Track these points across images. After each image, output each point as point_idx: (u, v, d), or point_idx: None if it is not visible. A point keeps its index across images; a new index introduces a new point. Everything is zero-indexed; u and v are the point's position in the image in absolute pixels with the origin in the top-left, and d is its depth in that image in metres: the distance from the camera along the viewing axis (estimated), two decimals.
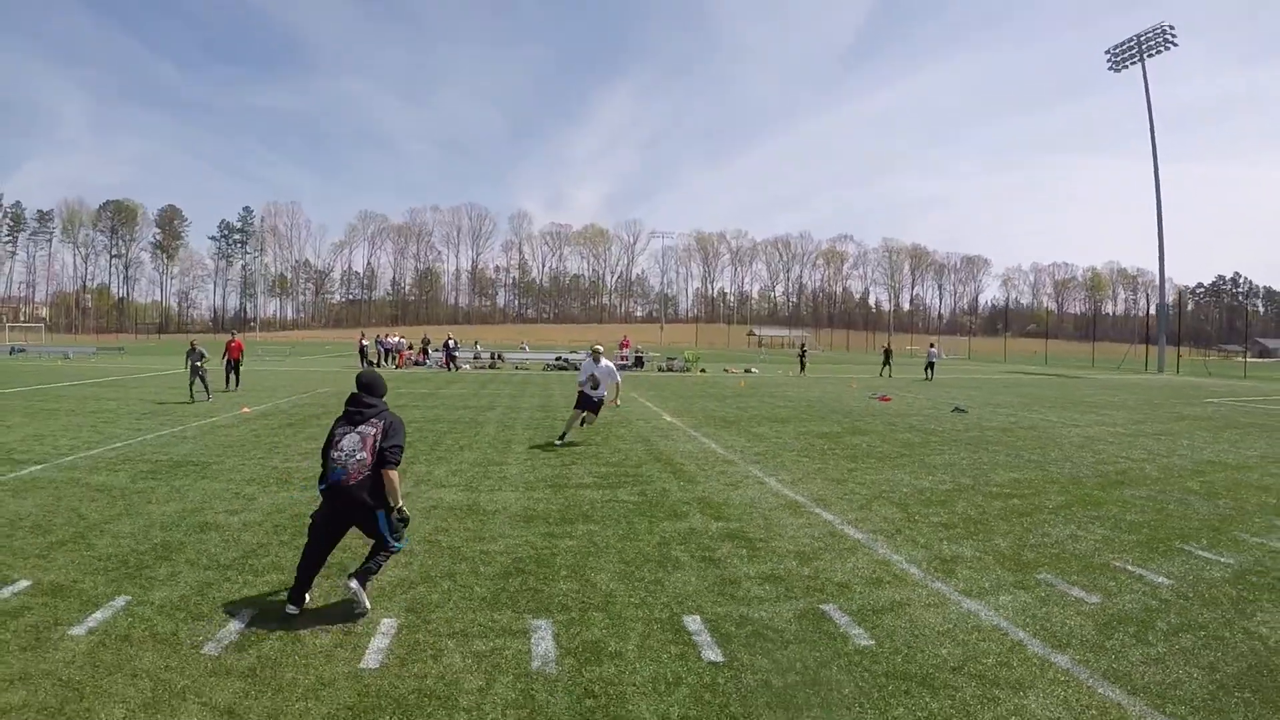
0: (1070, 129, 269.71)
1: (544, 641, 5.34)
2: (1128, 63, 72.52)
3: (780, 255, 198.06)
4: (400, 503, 5.93)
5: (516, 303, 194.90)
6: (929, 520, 9.25)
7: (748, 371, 45.27)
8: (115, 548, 7.21)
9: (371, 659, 4.99)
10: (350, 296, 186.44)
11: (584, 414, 14.53)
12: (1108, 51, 74.32)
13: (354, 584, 5.74)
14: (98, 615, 5.59)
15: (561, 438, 14.25)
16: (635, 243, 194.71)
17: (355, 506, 5.77)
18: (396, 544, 5.98)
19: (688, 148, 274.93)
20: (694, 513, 9.30)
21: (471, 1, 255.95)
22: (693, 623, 5.78)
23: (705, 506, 9.64)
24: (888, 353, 47.03)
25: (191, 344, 22.61)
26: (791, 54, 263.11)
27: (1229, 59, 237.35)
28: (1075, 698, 4.84)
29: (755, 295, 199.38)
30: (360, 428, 5.90)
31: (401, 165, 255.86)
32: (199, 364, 21.58)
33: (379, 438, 5.85)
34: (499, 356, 48.88)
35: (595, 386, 14.29)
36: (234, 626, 5.43)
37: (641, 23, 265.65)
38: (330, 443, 5.93)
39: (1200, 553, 8.24)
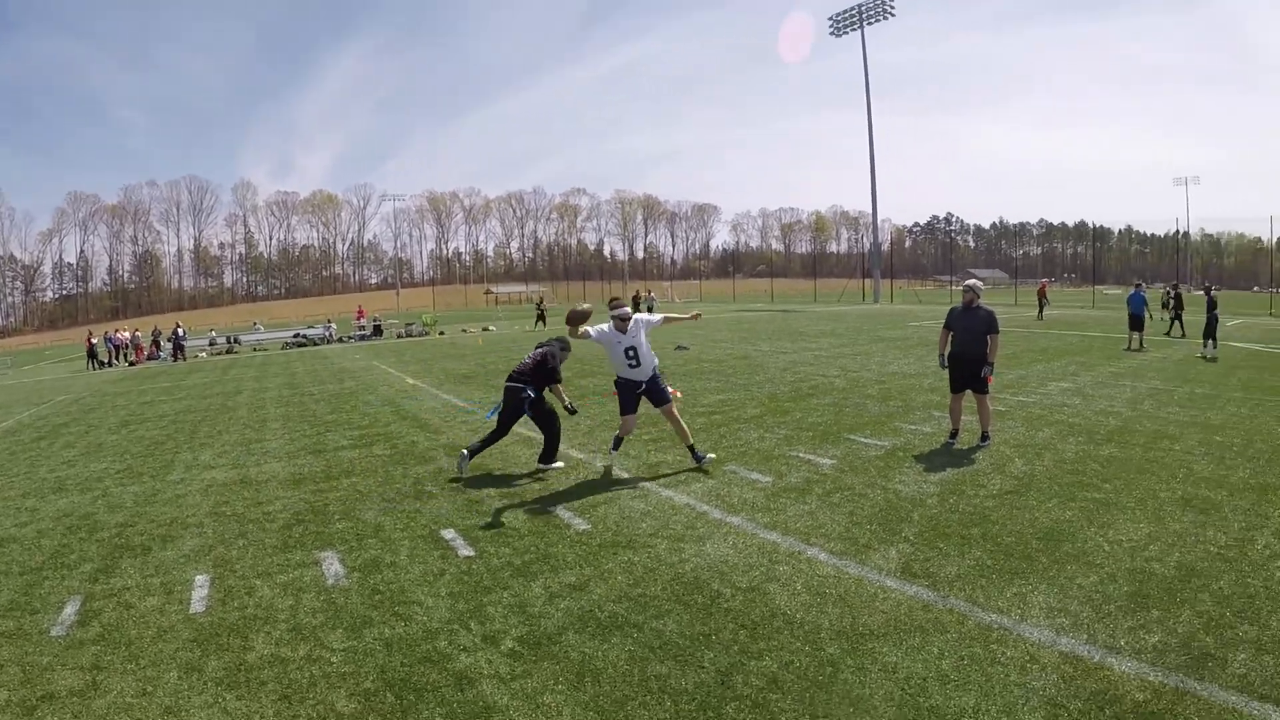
0: (801, 85, 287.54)
1: (333, 566, 6.64)
2: (848, 29, 76.40)
3: (514, 211, 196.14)
4: (566, 403, 10.44)
5: (245, 281, 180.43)
6: (641, 438, 11.18)
7: (486, 330, 46.43)
8: None
9: (197, 606, 6.00)
10: (65, 292, 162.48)
11: (636, 416, 9.70)
12: (830, 18, 77.80)
13: (542, 464, 9.76)
14: None
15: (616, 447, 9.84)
16: (366, 207, 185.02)
17: (513, 387, 9.73)
18: (530, 414, 9.69)
19: (422, 108, 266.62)
20: (441, 457, 10.77)
21: None
22: (448, 533, 7.34)
23: (451, 450, 11.10)
24: (636, 299, 49.63)
25: None
26: (529, 12, 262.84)
27: (944, 28, 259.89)
28: (742, 542, 6.82)
29: (491, 253, 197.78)
30: (534, 351, 10.04)
31: (115, 137, 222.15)
32: None
33: (537, 359, 9.86)
34: (235, 340, 47.45)
35: (638, 363, 9.41)
36: (69, 610, 6.08)
37: None
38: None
39: (863, 440, 10.54)
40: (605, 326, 9.51)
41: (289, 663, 4.93)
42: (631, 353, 9.31)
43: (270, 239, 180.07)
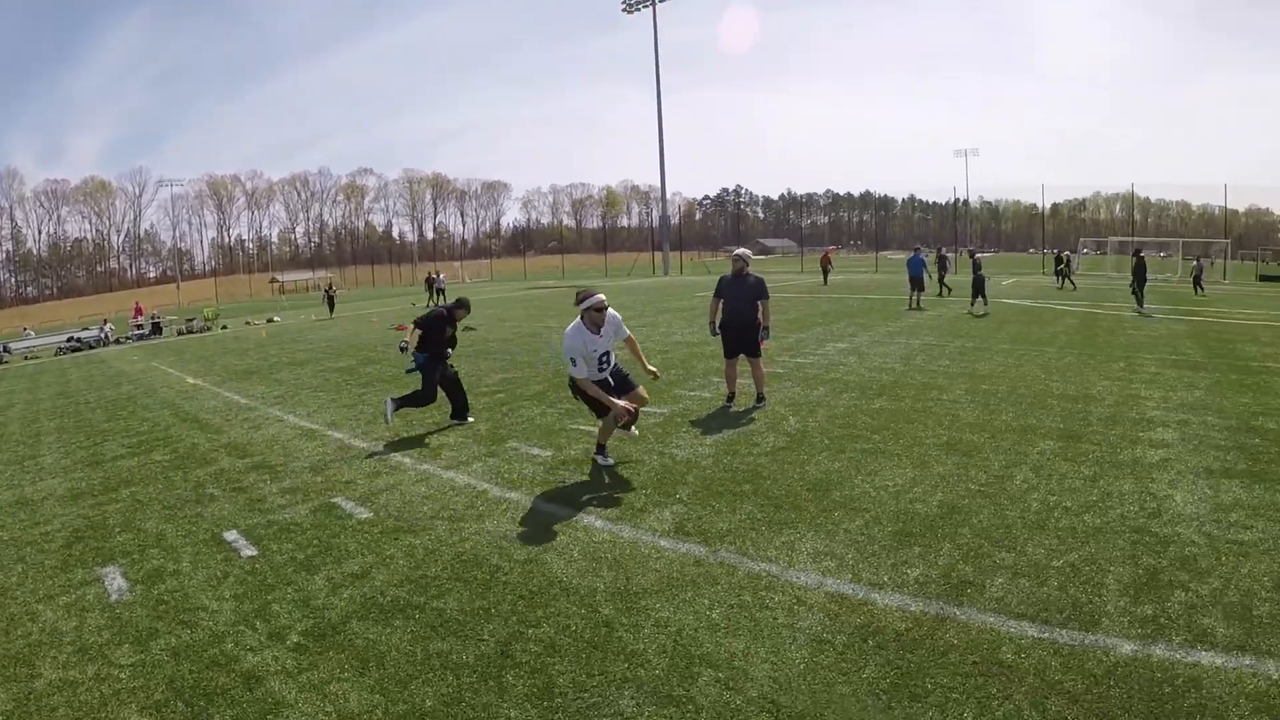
0: (591, 61, 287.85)
1: (116, 580, 6.65)
2: (639, 7, 75.96)
3: (299, 194, 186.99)
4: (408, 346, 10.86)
5: (14, 281, 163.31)
6: (424, 422, 11.48)
7: (270, 321, 44.88)
8: None
9: None
10: None
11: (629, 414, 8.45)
12: None
13: (390, 402, 10.85)
14: None
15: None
16: (142, 195, 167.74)
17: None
18: (411, 370, 11.13)
19: (201, 83, 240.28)
20: (222, 457, 10.68)
21: None
22: (231, 535, 7.46)
23: (232, 449, 11.04)
24: (429, 280, 49.45)
25: None
26: None
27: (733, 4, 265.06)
28: (522, 516, 7.34)
29: (276, 239, 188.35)
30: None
31: None
32: None
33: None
34: (4, 349, 43.89)
35: (609, 364, 8.70)
36: None
37: None
38: None
39: (643, 409, 11.00)
40: (576, 327, 8.40)
41: (78, 685, 4.97)
42: (605, 358, 8.51)
43: (40, 233, 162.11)
